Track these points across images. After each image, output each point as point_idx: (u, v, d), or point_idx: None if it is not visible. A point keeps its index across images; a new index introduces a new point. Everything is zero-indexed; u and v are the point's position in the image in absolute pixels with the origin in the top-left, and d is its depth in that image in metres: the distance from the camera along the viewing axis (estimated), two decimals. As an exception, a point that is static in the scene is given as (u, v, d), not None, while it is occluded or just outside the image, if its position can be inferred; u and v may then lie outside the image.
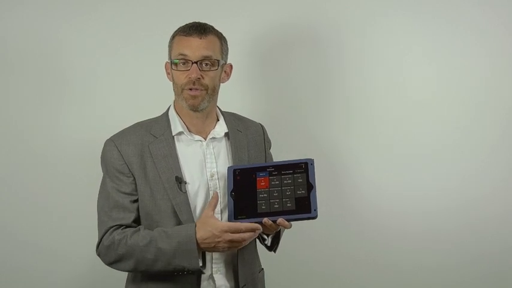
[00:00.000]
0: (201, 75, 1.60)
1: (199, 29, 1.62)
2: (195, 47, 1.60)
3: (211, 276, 1.64)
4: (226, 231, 1.51)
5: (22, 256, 2.14)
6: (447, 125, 2.21)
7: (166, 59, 1.69)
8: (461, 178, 2.21)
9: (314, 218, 1.55)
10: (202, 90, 1.61)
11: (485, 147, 2.20)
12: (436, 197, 2.21)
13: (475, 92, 2.20)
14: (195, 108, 1.63)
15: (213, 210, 1.56)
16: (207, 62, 1.61)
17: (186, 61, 1.60)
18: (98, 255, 1.63)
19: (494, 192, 2.20)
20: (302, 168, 1.59)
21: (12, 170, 2.14)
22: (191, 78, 1.59)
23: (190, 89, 1.61)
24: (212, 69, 1.62)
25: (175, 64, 1.62)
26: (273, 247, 1.73)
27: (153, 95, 2.00)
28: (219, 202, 1.63)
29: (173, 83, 1.67)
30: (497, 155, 2.20)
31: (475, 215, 2.21)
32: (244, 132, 1.75)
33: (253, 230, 1.53)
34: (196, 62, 1.59)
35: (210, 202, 1.57)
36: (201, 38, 1.61)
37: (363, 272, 2.23)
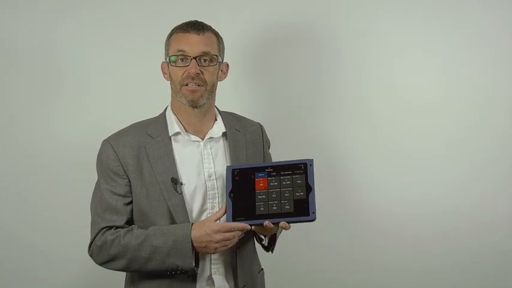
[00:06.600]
0: (200, 71, 1.60)
1: (197, 26, 1.63)
2: (194, 42, 1.61)
3: (210, 277, 1.63)
4: (218, 231, 1.51)
5: (21, 257, 2.15)
6: (448, 126, 2.19)
7: (163, 60, 1.68)
8: (461, 179, 2.19)
9: (312, 220, 1.54)
10: (201, 86, 1.61)
11: (487, 148, 2.19)
12: (436, 198, 2.20)
13: (476, 93, 2.18)
14: (194, 104, 1.61)
15: (217, 219, 1.56)
16: (205, 57, 1.61)
17: (184, 57, 1.60)
18: (90, 255, 1.63)
19: (494, 194, 2.19)
20: (301, 169, 1.58)
21: (9, 171, 2.14)
22: (190, 73, 1.59)
23: (188, 84, 1.59)
24: (211, 64, 1.62)
25: (174, 61, 1.61)
26: (269, 247, 1.72)
27: (150, 96, 1.99)
28: (217, 202, 1.63)
29: (171, 81, 1.65)
30: (498, 157, 2.19)
31: (475, 217, 2.19)
32: (243, 132, 1.73)
33: (242, 230, 1.54)
34: (195, 58, 1.59)
35: (217, 213, 1.58)
36: (199, 34, 1.61)
37: (363, 273, 2.22)
